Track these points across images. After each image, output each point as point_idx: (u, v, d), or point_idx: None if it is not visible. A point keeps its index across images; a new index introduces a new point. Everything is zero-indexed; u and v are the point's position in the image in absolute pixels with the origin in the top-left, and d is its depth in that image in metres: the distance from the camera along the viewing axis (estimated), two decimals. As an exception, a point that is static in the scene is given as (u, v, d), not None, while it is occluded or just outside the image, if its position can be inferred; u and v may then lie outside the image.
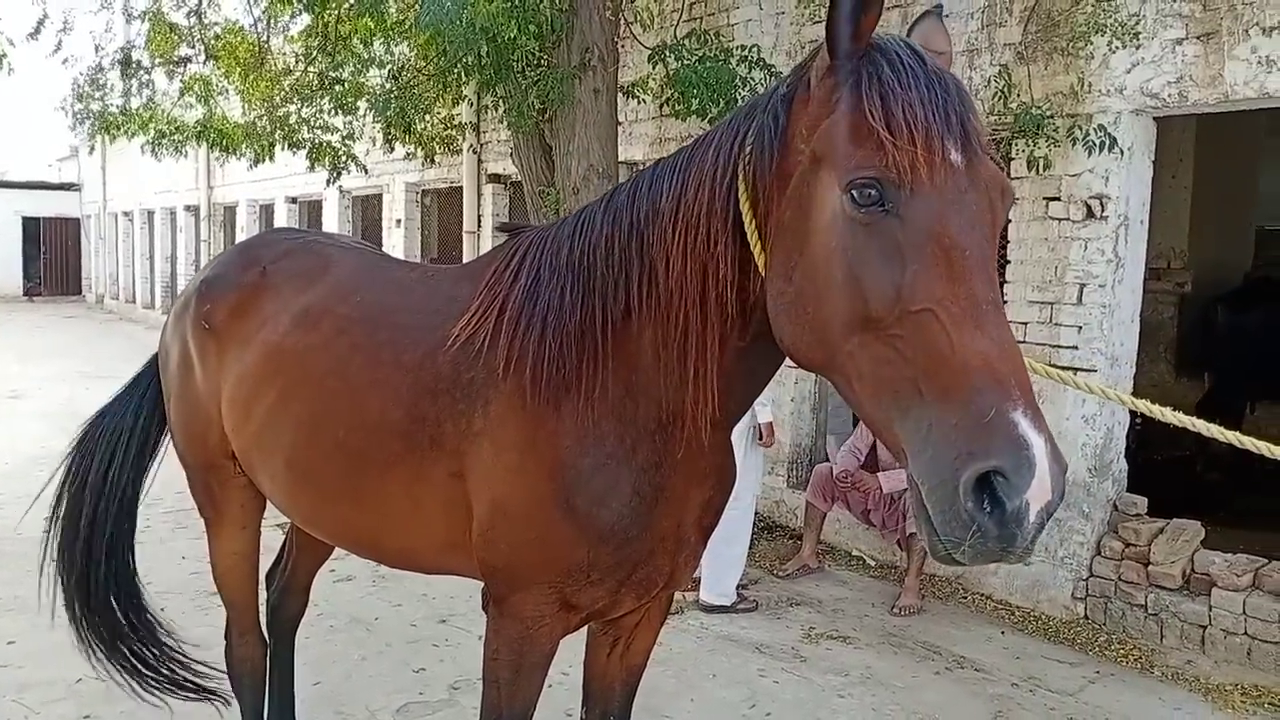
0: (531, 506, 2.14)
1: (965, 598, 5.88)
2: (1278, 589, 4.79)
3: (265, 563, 3.42)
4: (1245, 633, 4.87)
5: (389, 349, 2.41)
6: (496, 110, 6.66)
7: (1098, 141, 5.11)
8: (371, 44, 8.25)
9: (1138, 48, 5.12)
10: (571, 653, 2.63)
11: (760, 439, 5.67)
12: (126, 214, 25.28)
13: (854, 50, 1.59)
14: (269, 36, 9.08)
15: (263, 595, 3.44)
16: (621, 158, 7.57)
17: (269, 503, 2.97)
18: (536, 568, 2.18)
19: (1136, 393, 5.66)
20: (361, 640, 4.93)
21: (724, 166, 1.81)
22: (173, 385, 3.05)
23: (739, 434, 5.50)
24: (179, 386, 3.00)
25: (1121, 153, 5.20)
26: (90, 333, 20.94)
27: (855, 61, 1.58)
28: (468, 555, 2.32)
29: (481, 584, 2.36)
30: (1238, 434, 2.01)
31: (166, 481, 3.51)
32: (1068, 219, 5.41)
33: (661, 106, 6.57)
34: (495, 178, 10.48)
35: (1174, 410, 2.08)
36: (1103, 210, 5.31)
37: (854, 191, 1.50)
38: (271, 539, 3.53)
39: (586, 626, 2.50)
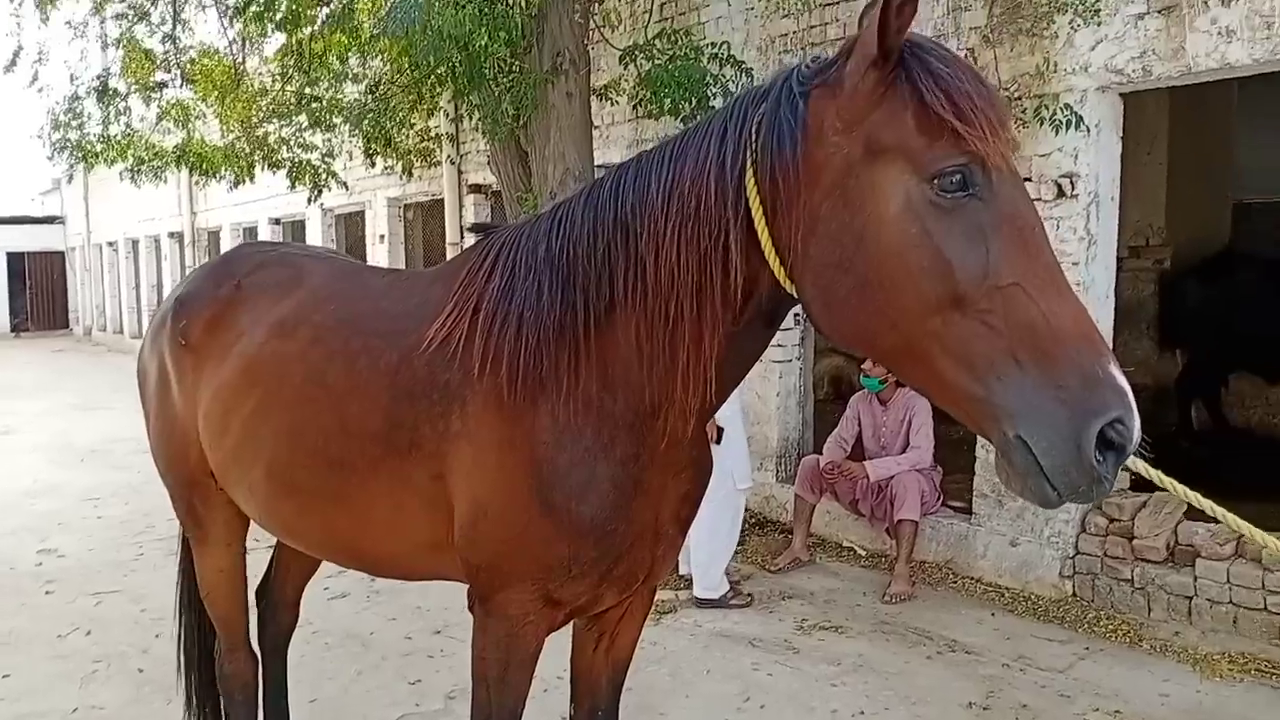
0: (512, 504, 2.17)
1: (955, 582, 5.92)
2: (1259, 556, 4.83)
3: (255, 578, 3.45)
4: (1230, 601, 4.92)
5: (365, 354, 2.43)
6: (471, 119, 6.69)
7: (1065, 120, 5.16)
8: (347, 59, 8.28)
9: (1100, 25, 5.17)
10: (567, 657, 2.66)
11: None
12: (111, 244, 25.24)
13: (898, 45, 1.64)
14: (244, 57, 9.11)
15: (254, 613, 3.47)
16: (599, 161, 7.59)
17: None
18: (519, 565, 2.21)
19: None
20: (357, 655, 4.95)
21: (733, 156, 1.83)
22: (151, 405, 3.07)
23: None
24: (157, 406, 3.03)
25: (1089, 130, 5.25)
26: (80, 365, 20.92)
27: (899, 56, 1.64)
28: (451, 557, 2.34)
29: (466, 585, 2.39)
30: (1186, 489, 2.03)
31: (159, 508, 3.54)
32: (1039, 198, 5.44)
33: (635, 108, 6.61)
34: (476, 188, 10.50)
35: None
36: (1073, 189, 5.35)
37: (939, 180, 1.59)
38: (263, 556, 3.56)
39: (571, 624, 2.52)
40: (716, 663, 4.86)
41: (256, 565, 3.36)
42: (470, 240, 2.64)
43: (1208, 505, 2.07)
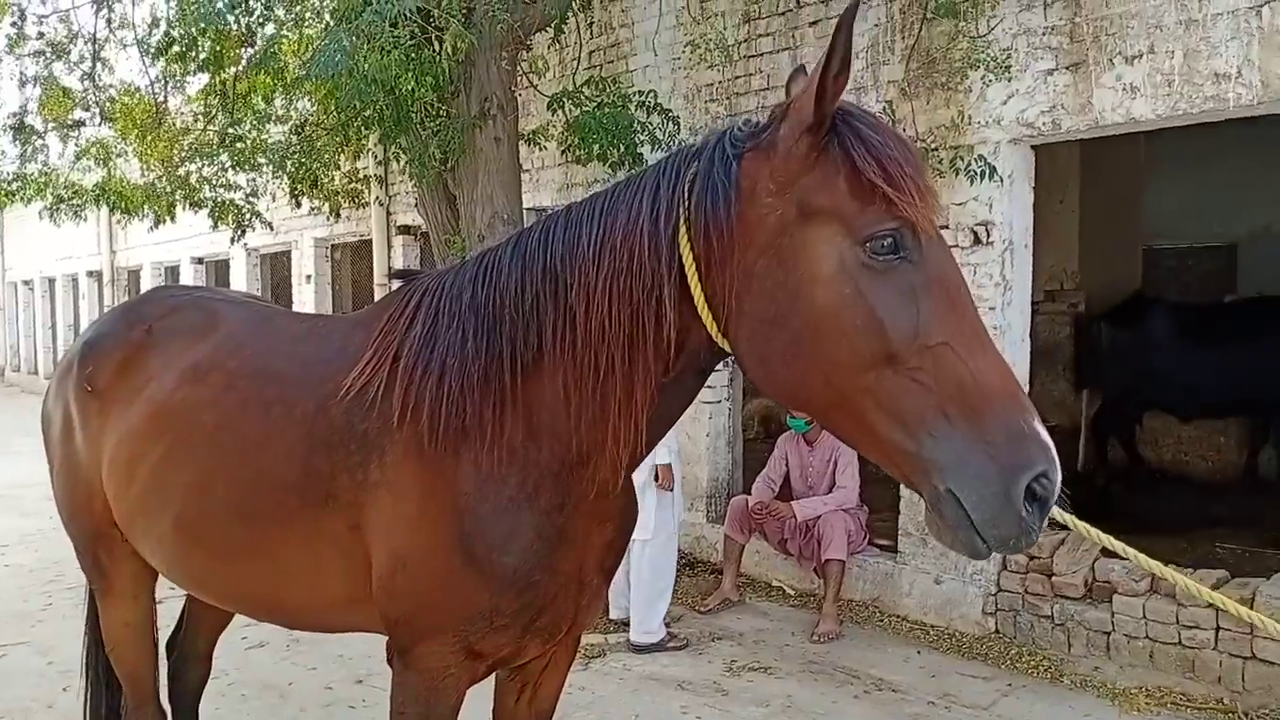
0: (432, 556, 2.13)
1: (882, 620, 5.97)
2: (1173, 592, 4.96)
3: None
4: (1146, 636, 5.04)
5: (280, 403, 2.39)
6: (399, 162, 6.67)
7: (979, 170, 5.33)
8: (273, 100, 8.21)
9: (1010, 80, 5.38)
10: (484, 703, 2.61)
11: (658, 480, 5.70)
12: (27, 283, 24.47)
13: (830, 111, 1.70)
14: (166, 96, 8.97)
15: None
16: (528, 204, 7.62)
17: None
18: (439, 617, 2.17)
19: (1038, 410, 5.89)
20: (275, 707, 4.81)
21: (666, 213, 1.86)
22: (55, 454, 2.97)
23: (644, 473, 5.56)
24: (61, 454, 2.93)
25: (1002, 180, 5.43)
26: (-10, 406, 20.15)
27: (831, 121, 1.71)
28: (369, 610, 2.29)
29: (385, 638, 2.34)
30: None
31: (69, 557, 3.40)
32: (957, 245, 5.60)
33: (563, 153, 6.66)
34: (405, 229, 10.43)
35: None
36: (988, 236, 5.52)
37: (871, 243, 1.65)
38: (175, 605, 3.44)
39: (494, 675, 2.49)
40: (645, 707, 4.82)
41: (168, 616, 3.25)
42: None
43: (1119, 547, 2.14)
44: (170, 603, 3.20)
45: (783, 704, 4.83)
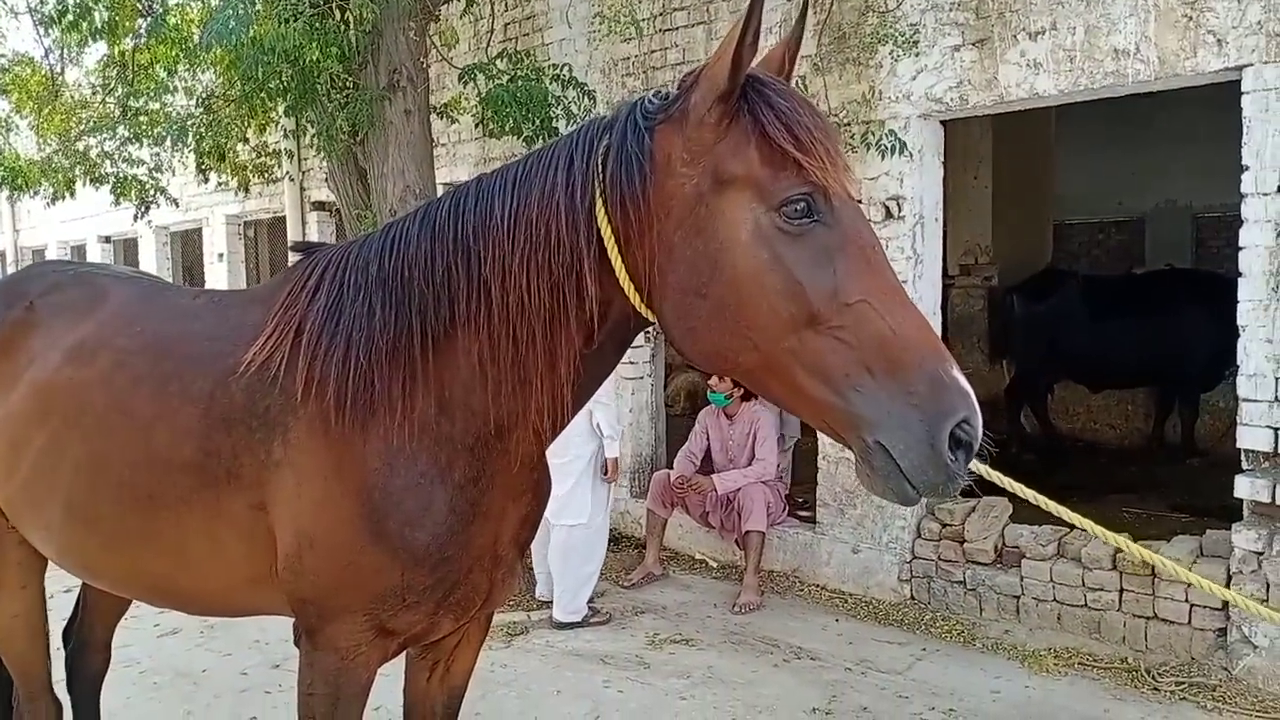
0: (340, 534, 2.09)
1: (802, 590, 6.06)
2: (1079, 555, 5.12)
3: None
4: (1054, 599, 5.20)
5: (175, 380, 2.31)
6: (305, 135, 6.50)
7: (889, 145, 5.39)
8: (175, 71, 7.91)
9: (919, 55, 5.44)
10: (389, 681, 2.57)
11: (605, 473, 5.72)
12: (-78, 263, 23.37)
13: (742, 80, 1.72)
14: (63, 67, 8.60)
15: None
16: (446, 179, 7.52)
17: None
18: (349, 596, 2.13)
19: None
20: (188, 695, 4.70)
21: (581, 187, 1.86)
22: (-68, 438, 2.82)
23: (585, 459, 5.56)
24: (-61, 439, 2.79)
25: (912, 155, 5.50)
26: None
27: (743, 91, 1.72)
28: (272, 591, 2.24)
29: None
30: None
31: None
32: (869, 220, 5.67)
33: (478, 126, 6.56)
34: (320, 205, 10.19)
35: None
36: (899, 210, 5.60)
37: (785, 207, 1.68)
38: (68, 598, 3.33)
39: (405, 652, 2.46)
40: (567, 683, 4.82)
41: (62, 608, 3.14)
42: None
43: (1042, 501, 2.21)
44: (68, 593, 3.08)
45: (704, 675, 4.87)
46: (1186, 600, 4.77)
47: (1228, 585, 4.61)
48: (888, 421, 1.62)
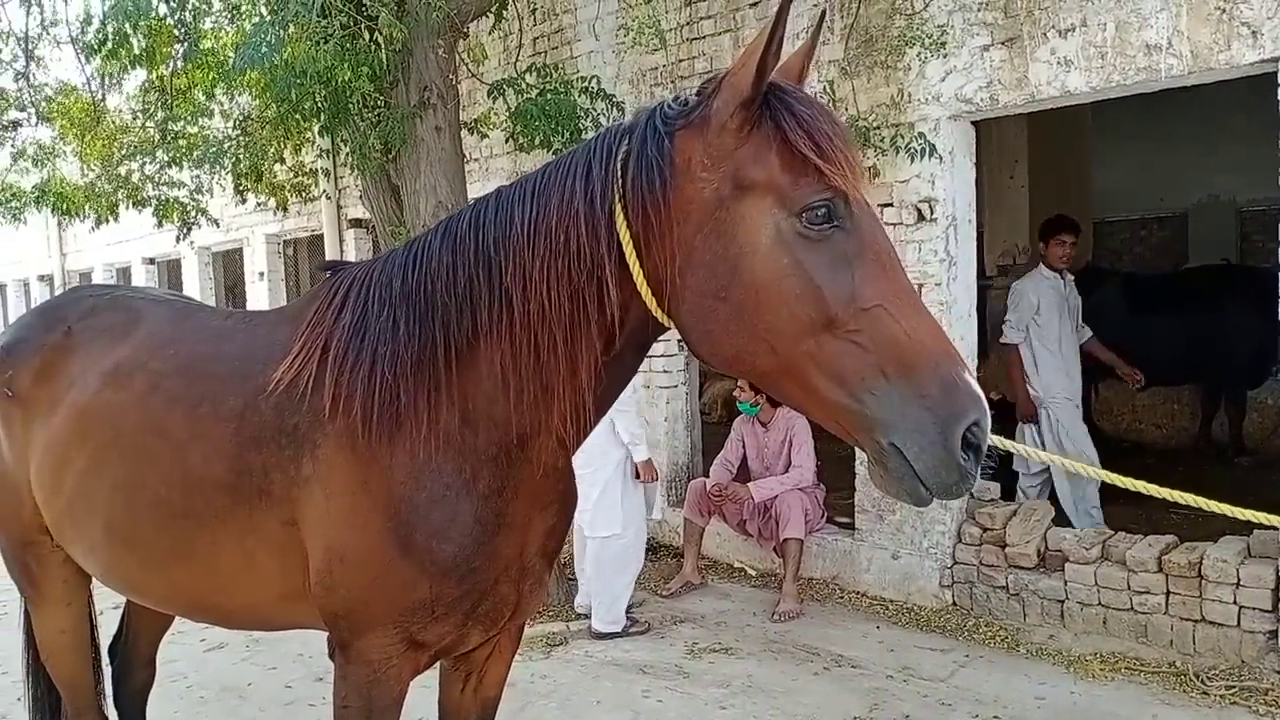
0: (368, 548, 2.12)
1: (842, 597, 6.02)
2: (1123, 558, 5.03)
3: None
4: (1099, 603, 5.11)
5: (208, 400, 2.36)
6: (340, 153, 6.59)
7: (919, 148, 5.35)
8: (213, 95, 8.07)
9: (947, 56, 5.40)
10: (428, 693, 2.60)
11: (638, 476, 5.72)
12: (-23, 289, 23.98)
13: (765, 87, 1.74)
14: (104, 94, 8.80)
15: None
16: (478, 193, 7.51)
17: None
18: (379, 609, 2.16)
19: (995, 383, 6.01)
20: (234, 709, 4.77)
21: (601, 193, 1.87)
22: (-21, 461, 2.90)
23: (609, 468, 5.57)
24: (-14, 462, 2.87)
25: (942, 157, 5.45)
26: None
27: (764, 97, 1.75)
28: (307, 606, 2.28)
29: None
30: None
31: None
32: (901, 223, 5.64)
33: (508, 140, 6.61)
34: (356, 222, 10.31)
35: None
36: (932, 213, 5.55)
37: (806, 213, 1.71)
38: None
39: (438, 665, 2.48)
40: (607, 692, 4.83)
41: (110, 624, 3.21)
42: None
43: (1069, 464, 2.36)
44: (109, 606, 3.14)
45: (743, 684, 4.85)
46: (1235, 602, 4.67)
47: (1277, 586, 4.51)
48: (902, 424, 1.65)
